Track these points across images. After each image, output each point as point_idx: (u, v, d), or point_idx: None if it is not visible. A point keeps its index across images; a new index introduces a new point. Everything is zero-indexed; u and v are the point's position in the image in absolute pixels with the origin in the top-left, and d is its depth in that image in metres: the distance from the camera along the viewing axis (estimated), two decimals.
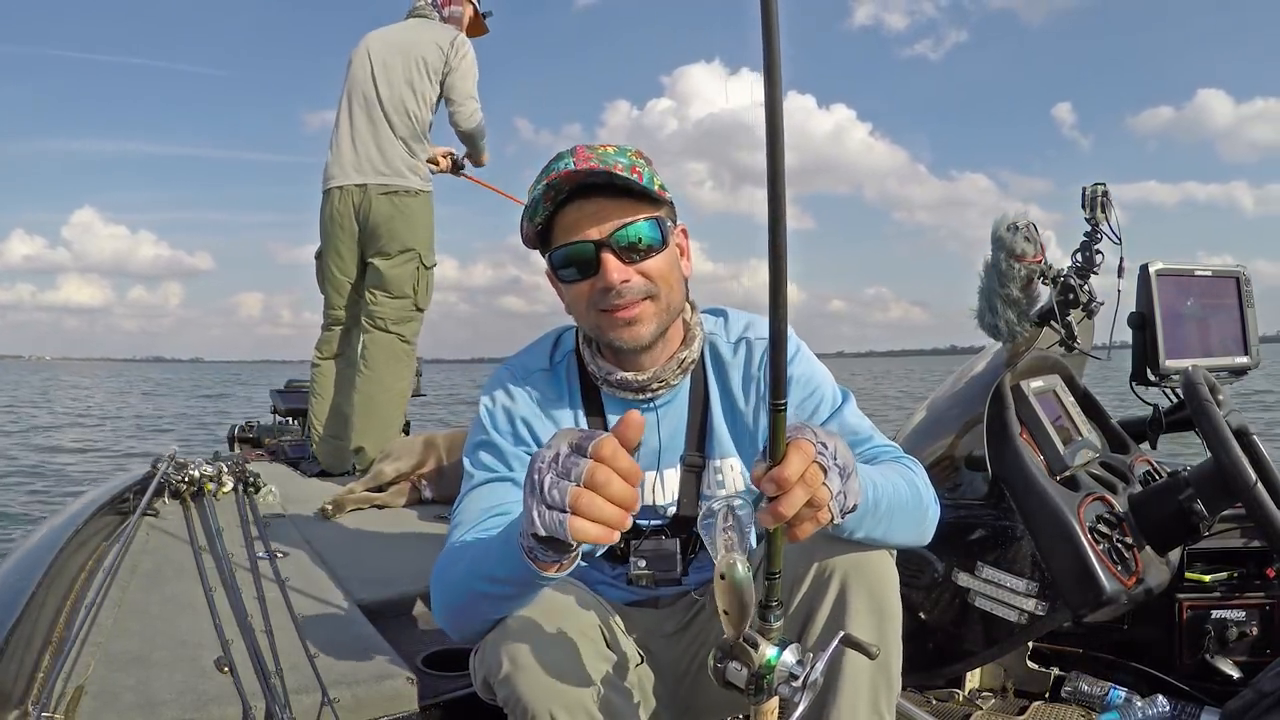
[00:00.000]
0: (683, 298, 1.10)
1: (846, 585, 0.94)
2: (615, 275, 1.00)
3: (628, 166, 1.00)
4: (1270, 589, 1.61)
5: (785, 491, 0.70)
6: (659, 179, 1.04)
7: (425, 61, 2.85)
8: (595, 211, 1.01)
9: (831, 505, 0.75)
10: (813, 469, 0.72)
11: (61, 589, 1.40)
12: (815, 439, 0.75)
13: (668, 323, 1.07)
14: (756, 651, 0.70)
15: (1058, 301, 1.53)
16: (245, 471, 2.29)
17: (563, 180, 0.98)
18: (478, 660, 0.96)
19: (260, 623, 1.32)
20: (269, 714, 1.06)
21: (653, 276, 1.02)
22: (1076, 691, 1.59)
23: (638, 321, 1.03)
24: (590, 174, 0.98)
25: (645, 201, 1.03)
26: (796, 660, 0.71)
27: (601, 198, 1.01)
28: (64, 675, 1.09)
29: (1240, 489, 1.27)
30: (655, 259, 1.03)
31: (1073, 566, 1.29)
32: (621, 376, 1.09)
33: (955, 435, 1.55)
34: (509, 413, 1.10)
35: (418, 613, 1.63)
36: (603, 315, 1.03)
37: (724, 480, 1.14)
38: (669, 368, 1.10)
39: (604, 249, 1.00)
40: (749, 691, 0.71)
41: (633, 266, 1.01)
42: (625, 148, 1.04)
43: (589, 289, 1.03)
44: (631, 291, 1.01)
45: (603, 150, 1.02)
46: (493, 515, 1.01)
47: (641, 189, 1.01)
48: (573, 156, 1.01)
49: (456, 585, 0.96)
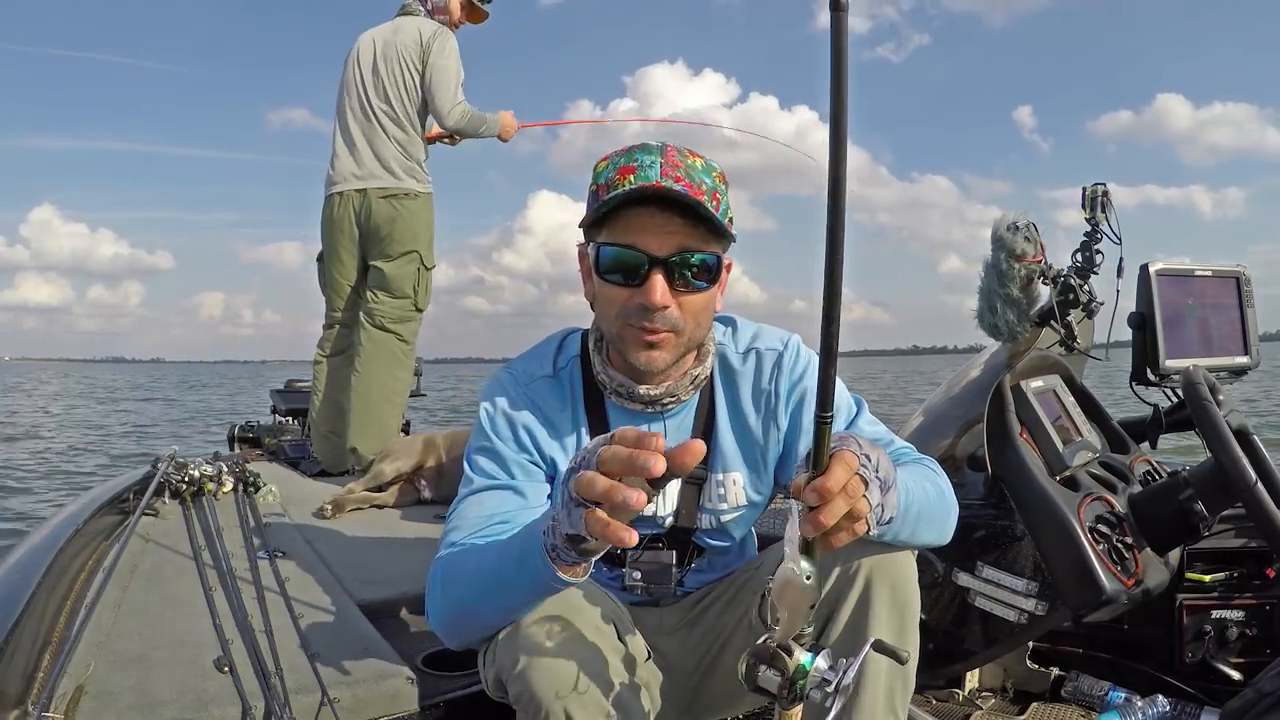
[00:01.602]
0: (707, 332, 1.08)
1: (870, 584, 0.95)
2: (658, 297, 0.97)
3: (710, 191, 0.97)
4: (1270, 589, 1.61)
5: (827, 502, 0.70)
6: (731, 211, 1.01)
7: (407, 58, 2.84)
8: (664, 225, 0.96)
9: (869, 517, 0.76)
10: (854, 481, 0.73)
11: (61, 589, 1.40)
12: (859, 451, 0.76)
13: (685, 353, 1.06)
14: (791, 657, 0.71)
15: (1058, 301, 1.53)
16: (245, 471, 2.29)
17: (650, 191, 0.95)
18: (488, 658, 0.96)
19: (260, 623, 1.32)
20: (269, 714, 1.06)
21: (687, 313, 1.00)
22: (1076, 691, 1.59)
23: (659, 348, 1.01)
24: (681, 194, 0.94)
25: (713, 234, 0.99)
26: (829, 666, 0.72)
27: (674, 214, 0.96)
28: (64, 675, 1.09)
29: (1240, 489, 1.27)
30: (699, 295, 1.00)
31: (1073, 566, 1.29)
32: (633, 389, 1.07)
33: (956, 435, 1.55)
34: (510, 419, 1.08)
35: (418, 613, 1.63)
36: (628, 329, 1.01)
37: (725, 494, 1.13)
38: (682, 383, 1.08)
39: (657, 267, 0.97)
40: (781, 696, 0.72)
41: (677, 295, 0.98)
42: (711, 165, 1.00)
43: (625, 298, 0.99)
44: (664, 320, 0.99)
45: (691, 162, 0.98)
46: (493, 523, 0.99)
47: (717, 224, 0.97)
48: (661, 158, 0.97)
49: (461, 590, 0.95)
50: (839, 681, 0.71)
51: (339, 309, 3.03)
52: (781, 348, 1.14)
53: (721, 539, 1.16)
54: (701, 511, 1.13)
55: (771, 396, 1.12)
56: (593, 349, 1.11)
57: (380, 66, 2.86)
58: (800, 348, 1.15)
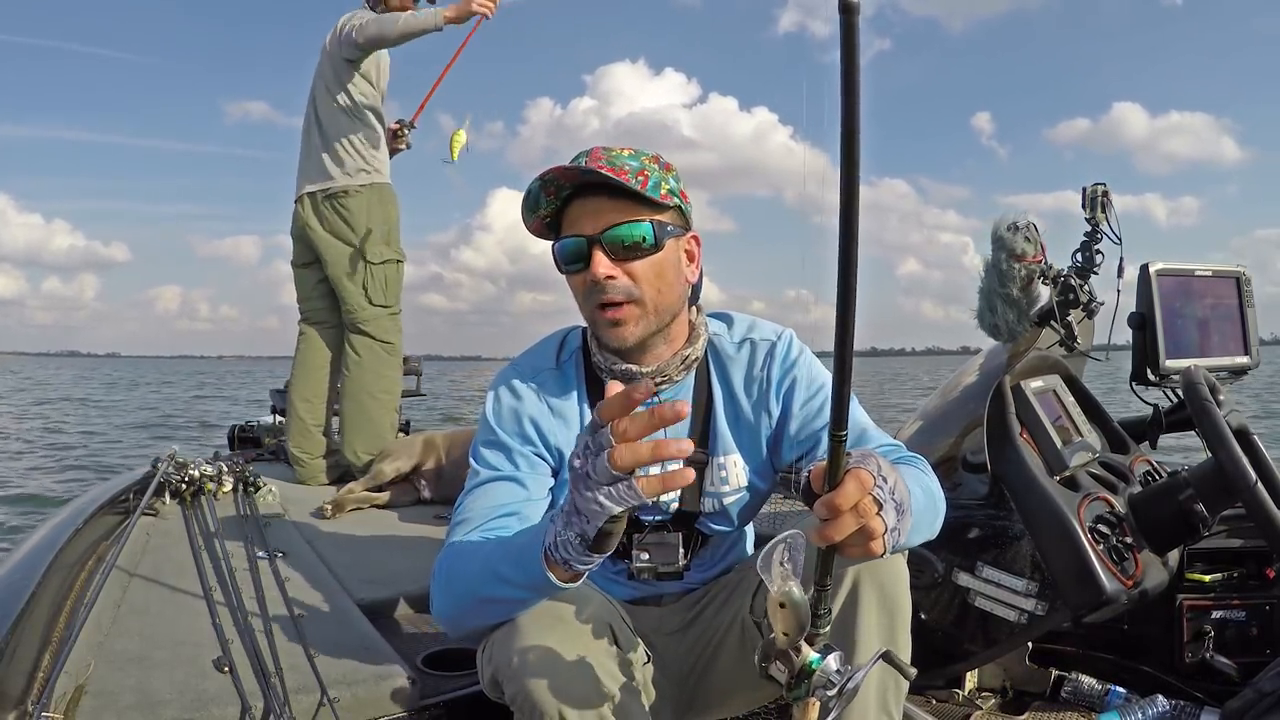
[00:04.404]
0: (676, 301, 1.11)
1: (859, 583, 0.95)
2: (601, 270, 1.04)
3: (635, 170, 1.04)
4: (1270, 589, 1.61)
5: (835, 517, 0.72)
6: (670, 186, 1.07)
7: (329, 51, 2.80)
8: (594, 210, 1.05)
9: (886, 538, 0.77)
10: (866, 501, 0.74)
11: (61, 589, 1.40)
12: (876, 472, 0.77)
13: (656, 325, 1.09)
14: (799, 655, 0.73)
15: (1058, 301, 1.53)
16: (245, 471, 2.29)
17: (557, 175, 1.03)
18: (485, 658, 0.96)
19: (260, 623, 1.32)
20: (268, 713, 1.06)
21: (638, 278, 1.05)
22: (1076, 691, 1.59)
23: (623, 323, 1.06)
24: (584, 172, 1.02)
25: (646, 205, 1.05)
26: (836, 669, 0.73)
27: (603, 197, 1.05)
28: (64, 675, 1.09)
29: (1240, 489, 1.27)
30: (644, 261, 1.05)
31: (1072, 566, 1.29)
32: (625, 369, 1.11)
33: (955, 435, 1.55)
34: (516, 412, 1.12)
35: (418, 613, 1.63)
36: (596, 310, 1.07)
37: (726, 476, 1.15)
38: (672, 364, 1.12)
39: (595, 245, 1.04)
40: (788, 688, 0.74)
41: (620, 264, 1.05)
42: (642, 152, 1.08)
43: (582, 282, 1.07)
44: (614, 289, 1.04)
45: (617, 153, 1.06)
46: (500, 515, 1.02)
47: (637, 193, 1.03)
48: (587, 156, 1.05)
49: (465, 585, 0.96)
50: (843, 686, 0.72)
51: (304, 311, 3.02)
52: (775, 339, 1.18)
53: (723, 523, 1.18)
54: (705, 495, 1.15)
55: (764, 382, 1.16)
56: (589, 338, 1.16)
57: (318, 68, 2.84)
58: (793, 340, 1.19)
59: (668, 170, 1.08)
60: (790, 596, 0.71)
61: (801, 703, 0.75)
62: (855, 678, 0.73)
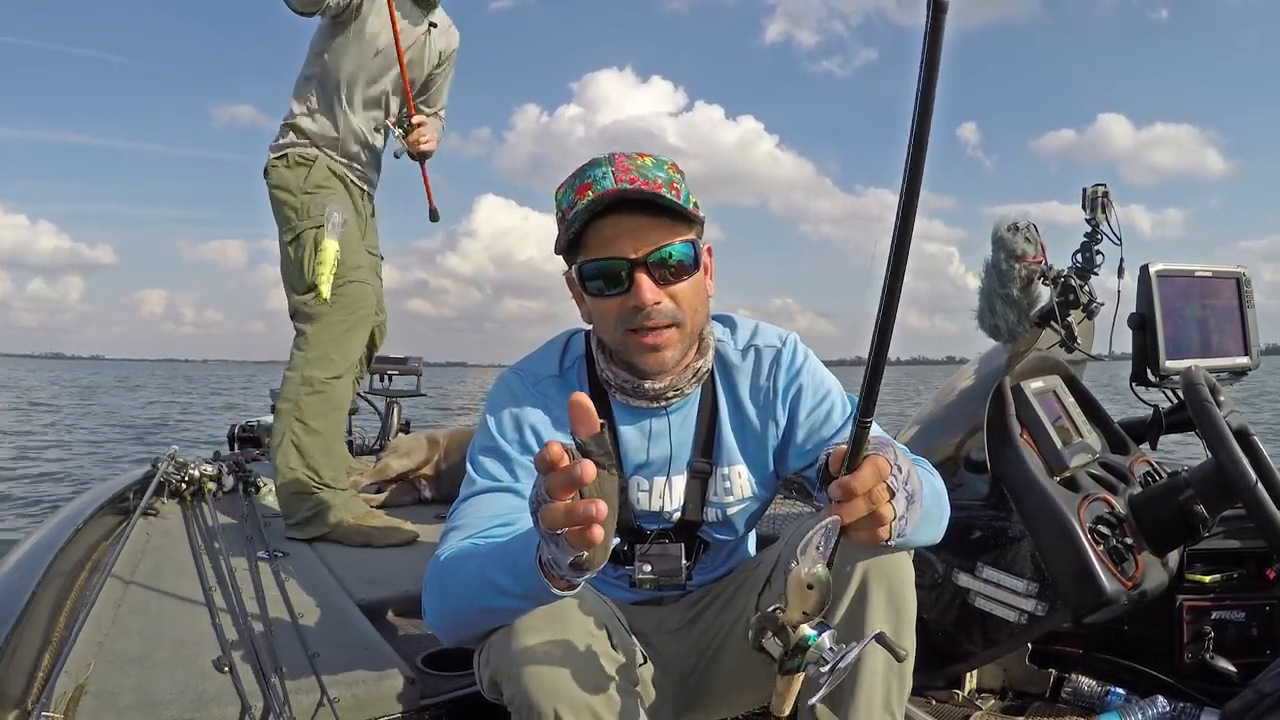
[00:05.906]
0: (706, 320, 1.10)
1: (866, 583, 0.96)
2: (648, 296, 0.99)
3: (666, 182, 1.00)
4: (1270, 589, 1.61)
5: (849, 500, 0.74)
6: (693, 195, 1.04)
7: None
8: (633, 229, 1.00)
9: (894, 525, 0.79)
10: (880, 487, 0.76)
11: (61, 589, 1.40)
12: (893, 460, 0.78)
13: (690, 347, 1.08)
14: (795, 631, 0.74)
15: (1058, 302, 1.53)
16: (245, 471, 2.29)
17: (609, 198, 0.97)
18: (483, 659, 0.96)
19: (260, 623, 1.32)
20: (268, 713, 1.06)
21: (681, 302, 1.03)
22: (1076, 692, 1.59)
23: (663, 347, 1.03)
24: (637, 192, 0.97)
25: (681, 221, 1.02)
26: (830, 646, 0.75)
27: (640, 214, 1.00)
28: (64, 675, 1.09)
29: (1240, 489, 1.27)
30: (686, 283, 1.03)
31: (1072, 567, 1.29)
32: (637, 385, 1.08)
33: (955, 436, 1.55)
34: (516, 420, 1.09)
35: (417, 613, 1.63)
36: (630, 335, 1.03)
37: (731, 487, 1.14)
38: (684, 377, 1.10)
39: (638, 268, 1.00)
40: (781, 661, 0.75)
41: (665, 288, 1.01)
42: (662, 160, 1.03)
43: (618, 306, 1.02)
44: (660, 314, 1.01)
45: (641, 162, 1.01)
46: (493, 525, 1.00)
47: (681, 210, 1.00)
48: (611, 167, 1.00)
49: (458, 592, 0.95)
50: (835, 663, 0.73)
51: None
52: (780, 345, 1.16)
53: (726, 533, 1.17)
54: (708, 505, 1.14)
55: (770, 391, 1.14)
56: (595, 349, 1.13)
57: None
58: (798, 345, 1.16)
59: (683, 178, 1.04)
60: (818, 578, 0.72)
61: (787, 677, 0.76)
62: (848, 656, 0.74)
